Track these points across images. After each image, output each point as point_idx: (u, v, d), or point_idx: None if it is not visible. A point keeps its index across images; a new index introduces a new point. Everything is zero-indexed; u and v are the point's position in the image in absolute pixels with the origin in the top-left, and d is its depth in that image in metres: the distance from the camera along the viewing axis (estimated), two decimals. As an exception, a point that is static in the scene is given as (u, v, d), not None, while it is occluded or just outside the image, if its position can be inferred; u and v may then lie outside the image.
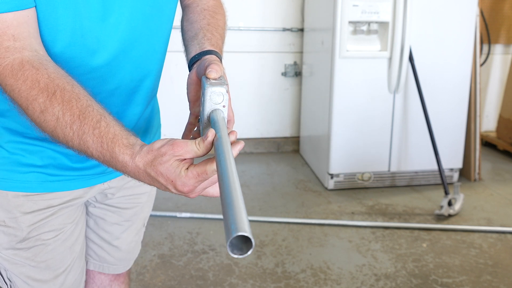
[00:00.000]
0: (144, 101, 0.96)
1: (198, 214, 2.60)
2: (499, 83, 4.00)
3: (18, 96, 0.73)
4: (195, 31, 0.93)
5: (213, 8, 0.99)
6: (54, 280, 1.00)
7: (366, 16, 2.77)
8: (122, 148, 0.69)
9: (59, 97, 0.71)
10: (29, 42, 0.74)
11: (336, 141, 2.94)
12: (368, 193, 2.98)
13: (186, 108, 0.89)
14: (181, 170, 0.66)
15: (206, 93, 0.72)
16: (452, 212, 2.65)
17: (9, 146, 0.88)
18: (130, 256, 1.20)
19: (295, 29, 3.58)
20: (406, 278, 2.08)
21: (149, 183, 0.69)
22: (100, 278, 1.19)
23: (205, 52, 0.86)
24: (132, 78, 0.90)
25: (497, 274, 2.12)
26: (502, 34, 3.85)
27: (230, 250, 0.51)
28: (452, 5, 2.85)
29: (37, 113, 0.72)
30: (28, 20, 0.74)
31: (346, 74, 2.85)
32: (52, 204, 0.94)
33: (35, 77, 0.72)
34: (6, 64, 0.73)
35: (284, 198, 2.88)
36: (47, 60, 0.75)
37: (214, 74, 0.75)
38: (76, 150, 0.72)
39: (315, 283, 2.03)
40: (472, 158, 3.19)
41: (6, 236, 0.93)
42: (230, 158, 0.60)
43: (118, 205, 1.09)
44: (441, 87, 2.96)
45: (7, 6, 0.71)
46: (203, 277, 2.06)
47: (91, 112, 0.71)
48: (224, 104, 0.73)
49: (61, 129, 0.71)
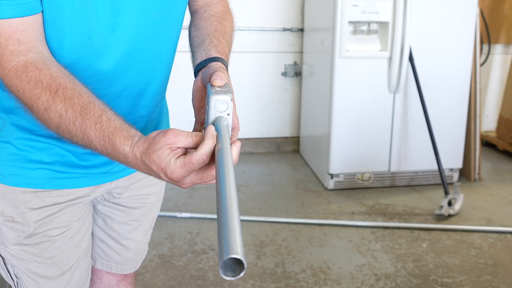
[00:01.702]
0: (151, 104, 0.97)
1: (198, 214, 2.60)
2: (499, 83, 4.00)
3: (23, 96, 0.76)
4: (202, 37, 0.93)
5: (221, 14, 0.99)
6: (60, 277, 1.00)
7: (366, 16, 2.77)
8: (123, 139, 0.71)
9: (61, 95, 0.73)
10: (34, 45, 0.77)
11: (336, 141, 2.94)
12: (368, 193, 2.98)
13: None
14: (171, 158, 0.67)
15: (210, 101, 0.72)
16: (452, 212, 2.65)
17: (18, 143, 0.89)
18: (138, 256, 1.20)
19: (295, 29, 3.58)
20: (406, 278, 2.08)
21: (147, 172, 0.71)
22: (108, 278, 1.19)
23: (211, 59, 0.86)
24: (139, 82, 0.91)
25: (497, 274, 2.12)
26: (502, 34, 3.85)
27: (222, 272, 0.51)
28: (452, 5, 2.85)
29: (41, 111, 0.75)
30: (34, 24, 0.77)
31: (346, 74, 2.85)
32: (59, 201, 0.95)
33: (38, 77, 0.74)
34: (11, 66, 0.75)
35: (284, 198, 2.88)
36: (51, 61, 0.78)
37: (219, 81, 0.76)
38: (81, 145, 0.75)
39: (315, 283, 2.03)
40: (472, 158, 3.19)
41: (13, 232, 0.94)
42: (229, 172, 0.60)
43: (126, 204, 1.10)
44: (441, 87, 2.96)
45: (13, 12, 0.74)
46: (203, 277, 2.06)
47: (92, 108, 0.73)
48: (229, 112, 0.73)
49: (65, 125, 0.74)
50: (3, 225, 0.94)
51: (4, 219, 0.94)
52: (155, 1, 0.86)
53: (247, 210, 2.68)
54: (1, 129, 0.90)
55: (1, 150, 0.90)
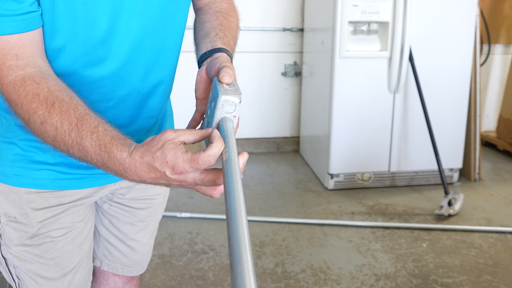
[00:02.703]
0: (158, 106, 0.97)
1: (198, 214, 2.60)
2: (499, 83, 4.00)
3: (21, 110, 0.76)
4: (207, 30, 0.92)
5: (226, 11, 0.99)
6: (62, 278, 1.00)
7: (366, 16, 2.77)
8: (120, 146, 0.70)
9: (58, 108, 0.73)
10: (32, 59, 0.77)
11: (336, 141, 2.94)
12: (368, 193, 2.98)
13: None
14: (177, 152, 0.66)
15: (218, 100, 0.71)
16: (452, 212, 2.65)
17: (23, 144, 0.89)
18: (145, 258, 1.20)
19: (295, 29, 3.58)
20: (406, 278, 2.08)
21: (146, 175, 0.69)
22: (114, 279, 1.19)
23: (217, 50, 0.85)
24: (144, 85, 0.91)
25: (497, 274, 2.12)
26: (502, 34, 3.85)
27: None
28: (452, 5, 2.85)
29: (37, 125, 0.74)
30: (32, 40, 0.77)
31: (346, 74, 2.85)
32: (62, 202, 0.95)
33: (35, 91, 0.74)
34: (9, 81, 0.76)
35: (284, 198, 2.88)
36: (49, 75, 0.78)
37: (227, 79, 0.75)
38: (77, 157, 0.75)
39: (315, 283, 2.03)
40: (472, 158, 3.19)
41: (16, 232, 0.94)
42: (238, 185, 0.59)
43: (131, 205, 1.09)
44: (441, 87, 2.96)
45: (12, 28, 0.74)
46: (203, 277, 2.06)
47: (88, 120, 0.73)
48: (235, 115, 0.71)
49: (61, 138, 0.73)
50: (6, 226, 0.94)
51: (7, 219, 0.94)
52: (157, 5, 0.86)
53: (247, 210, 2.68)
54: (6, 130, 0.90)
55: (5, 151, 0.90)
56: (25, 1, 0.74)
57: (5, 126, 0.90)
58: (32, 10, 0.76)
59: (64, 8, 0.77)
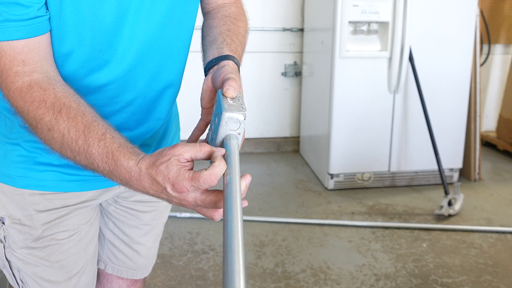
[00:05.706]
0: (165, 110, 0.97)
1: (198, 214, 2.60)
2: (499, 83, 4.00)
3: (27, 116, 0.75)
4: (215, 35, 0.91)
5: (235, 15, 0.97)
6: (67, 281, 0.99)
7: (366, 16, 2.77)
8: (128, 154, 0.69)
9: (65, 114, 0.72)
10: (39, 65, 0.76)
11: (336, 141, 2.94)
12: (368, 193, 2.98)
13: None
14: (180, 169, 0.65)
15: (222, 118, 0.69)
16: (452, 212, 2.65)
17: (27, 145, 0.89)
18: (149, 261, 1.19)
19: (295, 29, 3.58)
20: (406, 278, 2.08)
21: (149, 186, 0.68)
22: (118, 282, 1.18)
23: (223, 57, 0.84)
24: (151, 89, 0.91)
25: (497, 274, 2.12)
26: (502, 34, 3.85)
27: None
28: (452, 5, 2.85)
29: (45, 131, 0.74)
30: (39, 45, 0.76)
31: (346, 74, 2.85)
32: (67, 204, 0.94)
33: (42, 97, 0.74)
34: (15, 87, 0.75)
35: (284, 198, 2.88)
36: (56, 81, 0.77)
37: (231, 92, 0.73)
38: (83, 165, 0.74)
39: (315, 283, 2.03)
40: (472, 158, 3.19)
41: (21, 235, 0.93)
42: (237, 213, 0.57)
43: (136, 208, 1.08)
44: (441, 87, 2.96)
45: (18, 34, 0.73)
46: (203, 277, 2.06)
47: (96, 127, 0.72)
48: (240, 132, 0.69)
49: (68, 145, 0.72)
50: (10, 228, 0.93)
51: (11, 221, 0.93)
52: (165, 9, 0.85)
53: (247, 210, 2.68)
54: (10, 131, 0.89)
55: (10, 152, 0.89)
56: (32, 6, 0.73)
57: (9, 127, 0.89)
58: (40, 15, 0.75)
59: (71, 12, 0.77)
